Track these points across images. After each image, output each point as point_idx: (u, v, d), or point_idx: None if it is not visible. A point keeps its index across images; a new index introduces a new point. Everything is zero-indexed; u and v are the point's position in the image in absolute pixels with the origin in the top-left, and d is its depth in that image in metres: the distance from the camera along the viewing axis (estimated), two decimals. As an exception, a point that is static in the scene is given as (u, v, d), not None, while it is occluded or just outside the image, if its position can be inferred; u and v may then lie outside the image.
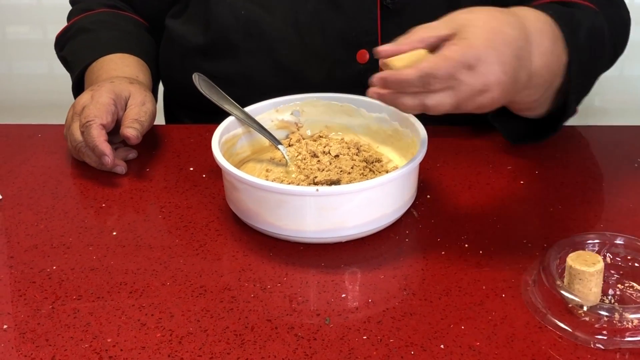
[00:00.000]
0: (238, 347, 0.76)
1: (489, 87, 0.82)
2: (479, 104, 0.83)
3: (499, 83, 0.82)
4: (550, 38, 0.91)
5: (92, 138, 0.99)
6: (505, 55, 0.82)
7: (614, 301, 0.81)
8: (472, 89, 0.81)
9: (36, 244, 0.91)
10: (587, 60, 0.97)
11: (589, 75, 1.01)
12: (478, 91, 0.82)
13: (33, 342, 0.77)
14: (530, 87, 0.90)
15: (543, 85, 0.93)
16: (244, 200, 0.90)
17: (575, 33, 0.95)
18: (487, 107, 0.84)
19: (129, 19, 1.25)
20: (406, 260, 0.88)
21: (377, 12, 1.08)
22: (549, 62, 0.90)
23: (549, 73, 0.91)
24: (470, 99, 0.82)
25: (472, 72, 0.81)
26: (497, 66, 0.82)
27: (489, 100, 0.83)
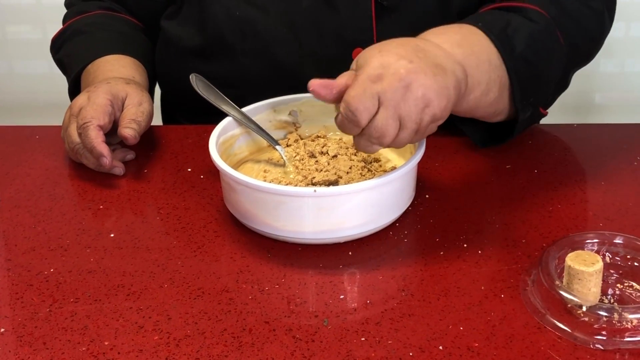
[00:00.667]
0: (236, 350, 0.76)
1: (407, 80, 0.81)
2: (424, 99, 0.82)
3: (413, 72, 0.82)
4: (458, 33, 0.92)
5: (90, 139, 0.99)
6: (404, 51, 0.83)
7: (614, 301, 0.81)
8: (396, 90, 0.81)
9: (34, 247, 0.91)
10: (529, 67, 0.96)
11: (536, 80, 0.99)
12: (403, 89, 0.81)
13: (30, 346, 0.77)
14: (474, 86, 0.90)
15: (488, 84, 0.92)
16: (242, 201, 0.89)
17: (510, 42, 0.95)
18: (441, 99, 0.83)
19: (124, 21, 1.25)
20: (405, 261, 0.87)
21: (372, 10, 1.08)
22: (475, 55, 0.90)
23: (483, 71, 0.91)
24: (405, 100, 0.81)
25: (381, 80, 0.81)
26: (401, 61, 0.82)
27: (425, 90, 0.82)
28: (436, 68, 0.84)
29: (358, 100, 0.81)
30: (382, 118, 0.81)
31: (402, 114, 0.82)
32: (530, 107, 1.00)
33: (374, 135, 0.82)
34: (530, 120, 1.04)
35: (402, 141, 0.84)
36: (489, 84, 0.93)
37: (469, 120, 1.04)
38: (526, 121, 1.02)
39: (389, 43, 0.86)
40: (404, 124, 0.82)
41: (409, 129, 0.83)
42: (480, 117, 0.99)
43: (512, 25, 0.96)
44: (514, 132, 1.02)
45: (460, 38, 0.91)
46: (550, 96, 1.04)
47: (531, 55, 0.96)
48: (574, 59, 1.04)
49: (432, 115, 0.83)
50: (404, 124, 0.82)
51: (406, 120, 0.82)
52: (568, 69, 1.04)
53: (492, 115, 0.99)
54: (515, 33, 0.95)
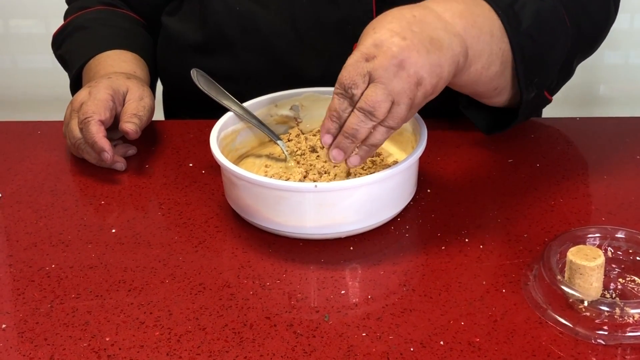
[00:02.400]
0: (237, 345, 0.76)
1: (399, 57, 0.81)
2: (416, 76, 0.82)
3: (406, 49, 0.82)
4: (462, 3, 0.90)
5: (91, 134, 0.99)
6: (397, 27, 0.83)
7: (615, 295, 0.80)
8: (387, 68, 0.81)
9: (35, 242, 0.91)
10: (534, 44, 0.95)
11: (541, 59, 0.98)
12: (395, 67, 0.81)
13: (32, 342, 0.77)
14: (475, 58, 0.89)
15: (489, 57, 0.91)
16: (243, 196, 0.89)
17: (516, 17, 0.93)
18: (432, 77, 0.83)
19: (126, 16, 1.24)
20: (406, 256, 0.87)
21: (372, 4, 1.07)
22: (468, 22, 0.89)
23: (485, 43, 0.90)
24: (397, 79, 0.81)
25: (375, 59, 0.81)
26: (394, 38, 0.82)
27: (418, 68, 0.82)
28: (431, 44, 0.83)
29: (349, 76, 0.81)
30: (372, 91, 0.81)
31: (394, 91, 0.82)
32: (534, 87, 0.98)
33: (365, 108, 0.82)
34: (535, 104, 1.02)
35: (398, 116, 0.83)
36: (491, 57, 0.92)
37: (473, 106, 1.03)
38: (531, 104, 1.00)
39: (384, 17, 0.85)
40: (398, 100, 0.82)
41: (403, 105, 0.82)
42: (481, 93, 0.98)
43: (519, 1, 0.95)
44: (519, 113, 1.01)
45: (464, 8, 0.90)
46: (554, 80, 1.02)
47: (537, 33, 0.95)
48: (578, 43, 1.03)
49: (424, 93, 0.83)
50: (398, 100, 0.82)
51: (400, 97, 0.82)
52: (572, 54, 1.03)
53: (492, 91, 0.97)
54: (522, 9, 0.94)
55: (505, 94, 0.99)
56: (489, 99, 0.99)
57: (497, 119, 1.05)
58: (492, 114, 1.04)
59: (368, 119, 0.82)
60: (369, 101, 0.81)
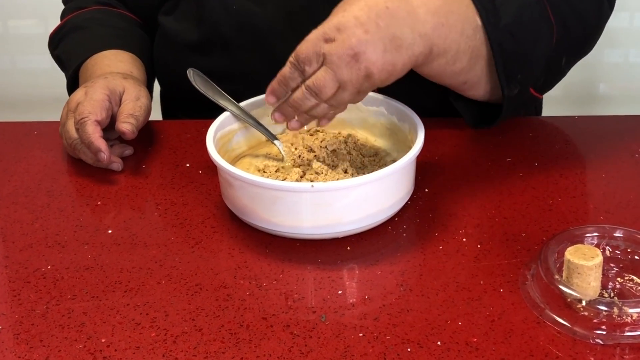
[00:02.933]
0: (233, 346, 0.75)
1: (355, 50, 0.83)
2: (366, 71, 0.84)
3: (364, 43, 0.84)
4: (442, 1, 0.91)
5: (87, 135, 0.99)
6: (365, 17, 0.85)
7: (614, 295, 0.80)
8: (341, 56, 0.83)
9: (31, 243, 0.90)
10: (514, 41, 0.95)
11: (523, 57, 0.97)
12: (349, 57, 0.83)
13: (27, 343, 0.77)
14: (439, 55, 0.91)
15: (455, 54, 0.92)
16: (240, 197, 0.89)
17: (496, 12, 0.93)
18: (382, 74, 0.85)
19: (122, 16, 1.24)
20: (404, 256, 0.87)
21: None
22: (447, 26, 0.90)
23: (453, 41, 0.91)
24: (348, 68, 0.84)
25: (333, 42, 0.84)
26: (357, 29, 0.84)
27: (369, 64, 0.84)
28: (391, 43, 0.85)
29: (306, 51, 0.85)
30: (322, 75, 0.85)
31: (342, 79, 0.85)
32: (517, 84, 0.98)
33: (312, 88, 0.85)
34: (521, 102, 1.01)
35: (341, 100, 0.87)
36: (457, 54, 0.93)
37: (462, 99, 1.03)
38: (515, 100, 0.99)
39: (357, 1, 0.86)
40: (344, 86, 0.85)
41: (347, 92, 0.86)
42: (449, 85, 0.99)
43: None
44: (503, 109, 1.00)
45: (441, 4, 0.90)
46: (541, 77, 1.01)
47: (517, 30, 0.95)
48: (567, 42, 1.02)
49: (371, 84, 0.87)
50: (344, 87, 0.86)
51: (346, 85, 0.85)
52: (560, 52, 1.01)
53: (461, 85, 0.98)
54: (503, 5, 0.94)
55: (479, 89, 0.99)
56: (463, 91, 1.01)
57: (484, 113, 1.04)
58: (480, 108, 1.04)
59: (312, 97, 0.86)
60: (317, 83, 0.85)
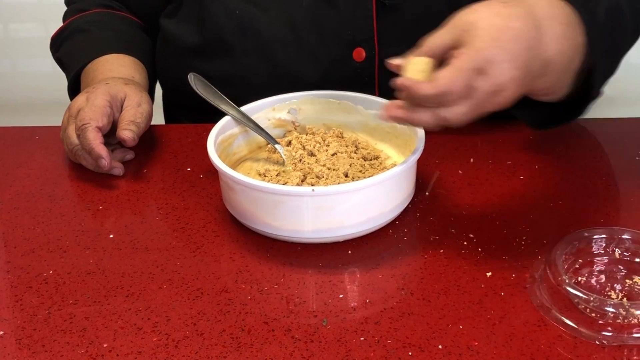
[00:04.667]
0: (234, 351, 0.75)
1: (502, 86, 0.80)
2: (496, 104, 0.81)
3: (512, 80, 0.80)
4: (563, 22, 0.87)
5: (88, 141, 0.99)
6: (514, 51, 0.80)
7: (622, 296, 0.80)
8: (487, 93, 0.80)
9: (33, 248, 0.91)
10: (608, 39, 0.94)
11: (612, 54, 0.97)
12: (492, 93, 0.80)
13: (29, 349, 0.77)
14: (545, 75, 0.87)
15: (559, 71, 0.89)
16: (241, 201, 0.89)
17: (592, 13, 0.91)
18: (504, 105, 0.83)
19: (124, 19, 1.24)
20: (405, 259, 0.87)
21: (372, 9, 1.07)
22: (564, 47, 0.87)
23: (564, 58, 0.88)
24: (486, 102, 0.80)
25: (483, 77, 0.79)
26: (508, 64, 0.80)
27: (505, 98, 0.81)
28: (530, 78, 0.82)
29: (459, 87, 0.78)
30: (460, 109, 0.80)
31: (476, 110, 0.81)
32: (604, 81, 0.97)
33: (444, 119, 0.80)
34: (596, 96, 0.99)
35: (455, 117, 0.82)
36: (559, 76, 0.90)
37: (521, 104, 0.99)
38: (593, 97, 0.98)
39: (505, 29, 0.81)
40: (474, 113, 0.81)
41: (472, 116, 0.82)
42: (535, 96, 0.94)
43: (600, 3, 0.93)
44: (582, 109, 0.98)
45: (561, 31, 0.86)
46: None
47: (609, 28, 0.93)
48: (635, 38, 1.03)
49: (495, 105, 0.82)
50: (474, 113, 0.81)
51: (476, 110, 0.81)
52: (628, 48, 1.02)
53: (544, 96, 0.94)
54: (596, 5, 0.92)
55: (559, 95, 0.95)
56: (542, 97, 0.95)
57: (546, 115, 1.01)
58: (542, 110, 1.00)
59: (437, 121, 0.81)
60: (452, 119, 0.80)
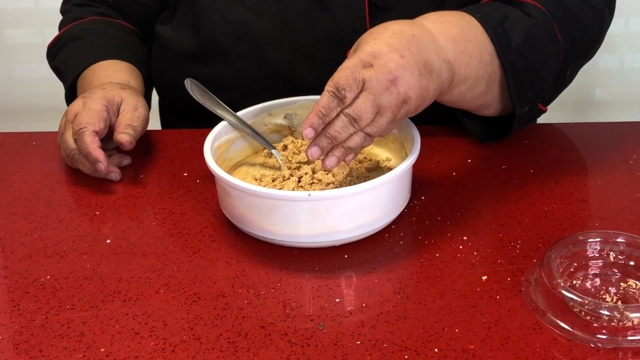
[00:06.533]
0: (231, 355, 0.76)
1: (394, 74, 0.84)
2: (404, 95, 0.85)
3: (402, 67, 0.84)
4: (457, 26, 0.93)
5: (85, 145, 0.99)
6: (397, 43, 0.86)
7: (617, 299, 0.81)
8: (381, 81, 0.84)
9: (30, 254, 0.91)
10: (525, 61, 0.97)
11: (532, 75, 0.99)
12: (388, 82, 0.84)
13: (27, 354, 0.77)
14: (460, 82, 0.92)
15: (473, 74, 0.94)
16: (237, 206, 0.89)
17: (506, 35, 0.96)
18: (418, 99, 0.86)
19: (119, 26, 1.25)
20: (400, 263, 0.87)
21: (365, 10, 1.08)
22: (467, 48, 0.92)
23: (472, 60, 0.93)
24: (387, 93, 0.84)
25: (371, 68, 0.84)
26: (393, 54, 0.85)
27: (408, 88, 0.85)
28: (424, 67, 0.86)
29: (345, 79, 0.83)
30: (362, 102, 0.84)
31: (381, 104, 0.85)
32: (527, 102, 1.00)
33: (352, 115, 0.84)
34: (530, 116, 1.03)
35: (379, 127, 0.86)
36: (477, 80, 0.94)
37: (468, 115, 1.04)
38: (525, 116, 1.02)
39: (384, 30, 0.88)
40: (382, 112, 0.85)
41: (385, 117, 0.85)
42: (467, 108, 1.01)
43: (510, 19, 0.97)
44: (512, 127, 1.02)
45: (458, 32, 0.92)
46: (548, 92, 1.04)
47: (527, 50, 0.97)
48: (572, 55, 1.04)
49: (407, 111, 0.87)
50: (381, 112, 0.85)
51: (384, 110, 0.85)
52: (566, 66, 1.03)
53: (479, 107, 1.00)
54: (512, 27, 0.96)
55: (493, 108, 1.01)
56: (477, 112, 1.02)
57: (492, 128, 1.05)
58: (487, 122, 1.05)
59: (352, 125, 0.85)
60: (357, 110, 0.84)
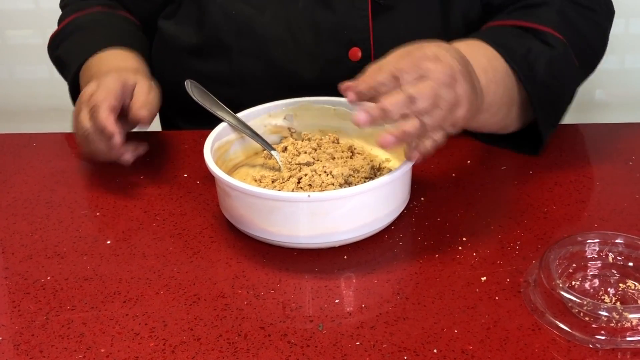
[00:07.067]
0: (231, 356, 0.76)
1: (456, 76, 0.84)
2: (457, 99, 0.84)
3: (461, 73, 0.85)
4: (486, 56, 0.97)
5: (101, 120, 0.97)
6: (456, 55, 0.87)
7: (615, 300, 0.81)
8: (444, 75, 0.83)
9: (31, 255, 0.91)
10: (549, 92, 1.01)
11: (556, 102, 1.03)
12: (450, 78, 0.84)
13: (27, 354, 0.77)
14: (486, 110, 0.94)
15: (499, 107, 0.98)
16: (237, 207, 0.90)
17: (531, 69, 0.99)
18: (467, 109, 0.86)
19: (124, 18, 1.24)
20: (400, 264, 0.88)
21: (368, 9, 1.08)
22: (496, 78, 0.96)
23: (498, 89, 0.96)
24: (447, 88, 0.83)
25: (437, 62, 0.84)
26: (453, 59, 0.85)
27: (463, 92, 0.85)
28: (473, 85, 0.88)
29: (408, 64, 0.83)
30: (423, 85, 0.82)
31: (440, 95, 0.83)
32: (552, 127, 1.04)
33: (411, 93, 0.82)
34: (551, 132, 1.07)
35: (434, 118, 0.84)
36: (500, 107, 0.98)
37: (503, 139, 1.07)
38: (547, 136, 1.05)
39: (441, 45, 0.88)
40: (438, 103, 0.83)
41: (440, 111, 0.83)
42: (487, 132, 1.04)
43: (532, 52, 1.00)
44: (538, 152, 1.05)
45: (486, 63, 0.96)
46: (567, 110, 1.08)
47: (550, 80, 1.01)
48: (585, 75, 1.09)
49: (454, 119, 0.86)
50: (438, 104, 0.83)
51: (441, 103, 0.83)
52: (579, 84, 1.09)
53: (498, 130, 1.04)
54: (535, 60, 1.00)
55: (511, 128, 1.05)
56: (496, 132, 1.05)
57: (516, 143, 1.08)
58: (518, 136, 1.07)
59: (407, 104, 0.82)
60: (417, 90, 0.82)
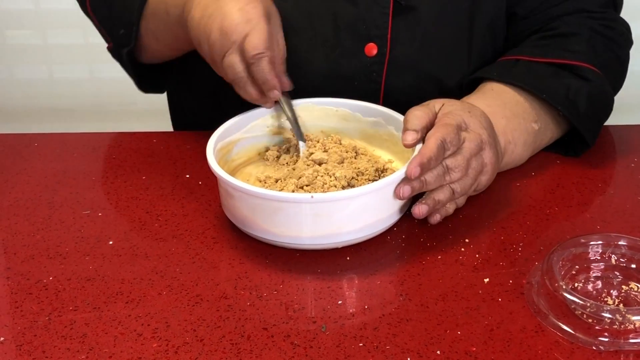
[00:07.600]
0: (234, 356, 0.76)
1: (483, 145, 0.92)
2: (483, 167, 0.93)
3: (487, 143, 0.93)
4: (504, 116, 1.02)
5: (265, 72, 0.95)
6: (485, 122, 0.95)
7: (618, 302, 0.81)
8: (476, 146, 0.91)
9: (33, 255, 0.91)
10: (592, 121, 1.06)
11: (599, 127, 1.08)
12: (479, 149, 0.92)
13: (30, 355, 0.77)
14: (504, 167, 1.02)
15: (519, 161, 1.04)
16: (240, 207, 0.90)
17: (574, 106, 1.03)
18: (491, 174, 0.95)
19: None
20: (403, 266, 0.88)
21: (389, 7, 1.08)
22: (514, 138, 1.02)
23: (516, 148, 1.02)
24: (475, 158, 0.92)
25: (468, 132, 0.92)
26: (482, 130, 0.93)
27: (488, 160, 0.94)
28: (497, 152, 0.96)
29: (453, 135, 0.90)
30: (459, 157, 0.91)
31: (470, 165, 0.92)
32: (595, 138, 1.08)
33: (449, 165, 0.90)
34: None
35: (463, 187, 0.92)
36: (517, 162, 1.04)
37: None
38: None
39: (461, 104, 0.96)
40: (468, 173, 0.92)
41: (469, 179, 0.92)
42: None
43: (572, 89, 1.04)
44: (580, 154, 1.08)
45: (505, 124, 1.01)
46: None
47: (592, 112, 1.05)
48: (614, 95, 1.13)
49: (479, 184, 0.94)
50: (468, 173, 0.92)
51: (470, 172, 0.92)
52: None
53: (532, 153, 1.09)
54: (576, 96, 1.04)
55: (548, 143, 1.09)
56: None
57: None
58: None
59: (444, 175, 0.90)
60: (454, 162, 0.90)
